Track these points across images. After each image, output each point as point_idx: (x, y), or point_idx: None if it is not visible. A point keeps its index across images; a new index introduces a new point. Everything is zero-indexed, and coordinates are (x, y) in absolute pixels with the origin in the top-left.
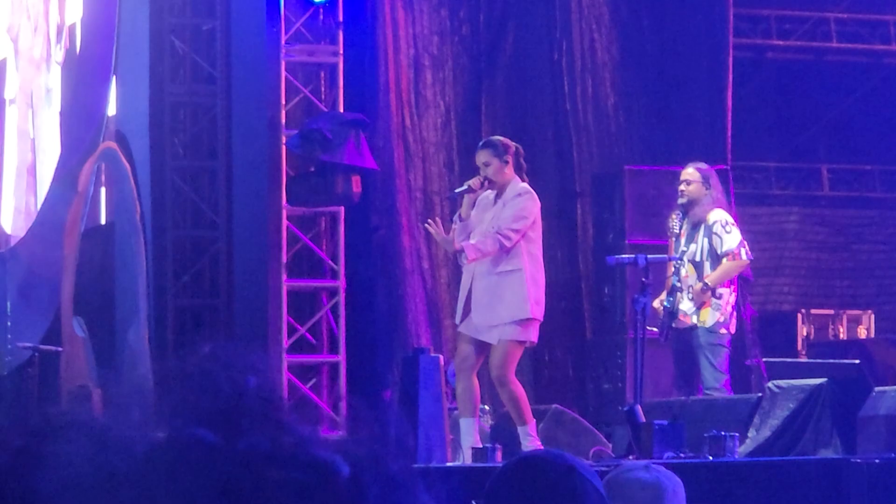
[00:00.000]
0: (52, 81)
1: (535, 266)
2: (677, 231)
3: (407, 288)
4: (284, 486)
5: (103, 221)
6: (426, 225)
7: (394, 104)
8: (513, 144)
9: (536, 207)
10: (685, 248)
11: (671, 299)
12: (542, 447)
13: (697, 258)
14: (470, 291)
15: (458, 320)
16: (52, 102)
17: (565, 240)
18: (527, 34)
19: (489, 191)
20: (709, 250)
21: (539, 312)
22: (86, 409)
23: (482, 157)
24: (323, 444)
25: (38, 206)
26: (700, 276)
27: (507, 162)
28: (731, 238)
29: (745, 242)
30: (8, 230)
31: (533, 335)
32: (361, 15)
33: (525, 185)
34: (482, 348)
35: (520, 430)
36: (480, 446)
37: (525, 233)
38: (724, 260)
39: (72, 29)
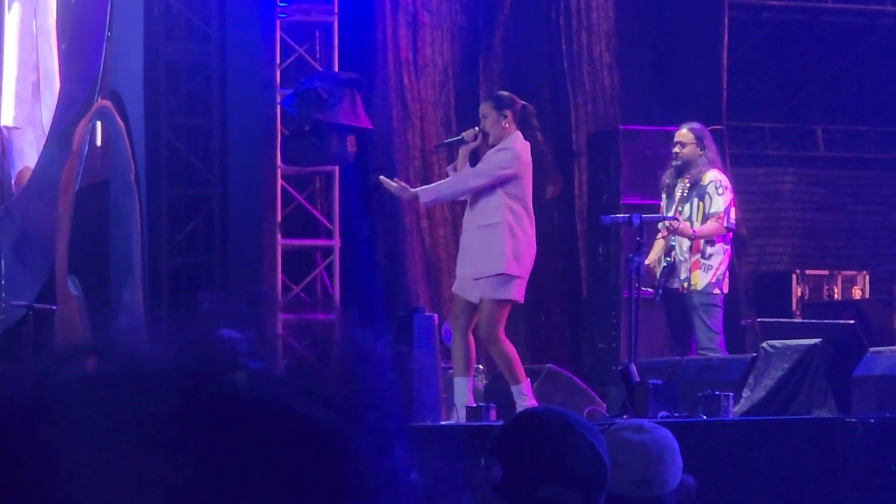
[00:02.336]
0: None
1: (518, 222)
2: (673, 189)
3: (406, 247)
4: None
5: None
6: (379, 179)
7: (392, 63)
8: (519, 102)
9: (519, 163)
10: (681, 209)
11: (668, 259)
12: (534, 402)
13: (690, 217)
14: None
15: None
16: None
17: (562, 200)
18: None
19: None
20: (700, 210)
21: (520, 270)
22: (79, 367)
23: (482, 109)
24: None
25: (43, 112)
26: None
27: (505, 116)
28: (721, 200)
29: (733, 210)
30: (9, 122)
31: (515, 293)
32: None
33: (515, 140)
34: (472, 307)
35: (513, 389)
36: (474, 405)
37: (501, 182)
38: (711, 220)
39: None
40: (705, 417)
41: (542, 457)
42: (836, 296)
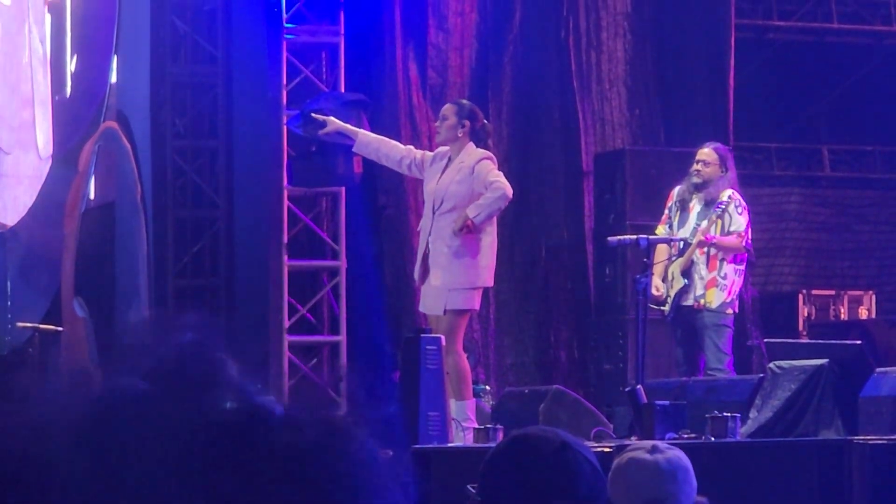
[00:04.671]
0: None
1: (494, 232)
2: (687, 203)
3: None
4: (219, 429)
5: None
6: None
7: (401, 83)
8: (481, 119)
9: None
10: (697, 225)
11: (686, 279)
12: (476, 424)
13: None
14: (426, 258)
15: (416, 276)
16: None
17: (572, 219)
18: (534, 11)
19: (444, 147)
20: (718, 227)
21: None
22: (84, 390)
23: (445, 110)
24: (258, 390)
25: (38, 137)
26: (708, 255)
27: (463, 126)
28: (742, 219)
29: (750, 230)
30: None
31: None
32: None
33: (479, 151)
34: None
35: (458, 404)
36: (481, 426)
37: None
38: (732, 236)
39: None
40: (712, 439)
41: (549, 474)
42: (842, 316)
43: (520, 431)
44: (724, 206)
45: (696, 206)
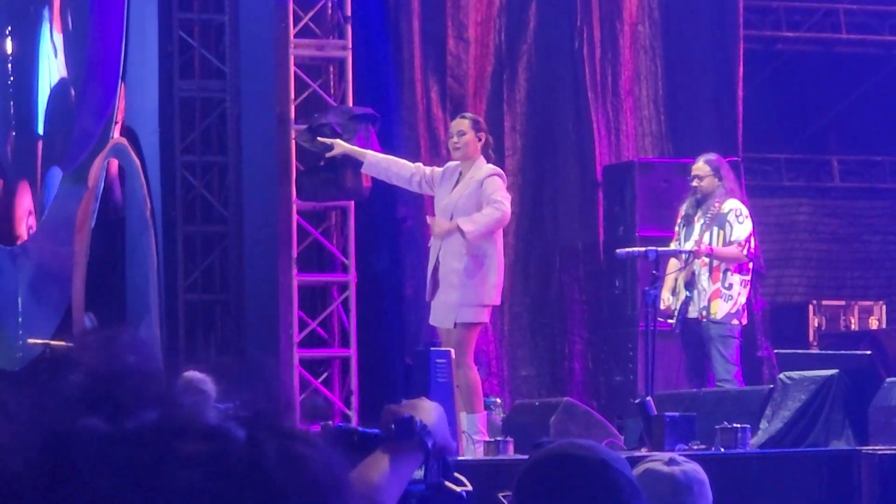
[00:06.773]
0: None
1: (499, 249)
2: (692, 218)
3: None
4: (181, 460)
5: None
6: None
7: (420, 94)
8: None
9: None
10: (699, 237)
11: (691, 291)
12: (486, 437)
13: (711, 246)
14: (436, 273)
15: (428, 297)
16: None
17: (585, 231)
18: (548, 22)
19: (454, 162)
20: (720, 238)
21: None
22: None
23: (460, 125)
24: (212, 412)
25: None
26: (711, 266)
27: (480, 140)
28: (742, 228)
29: (753, 238)
30: None
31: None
32: (373, 8)
33: (490, 166)
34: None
35: (469, 417)
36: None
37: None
38: (732, 246)
39: None
40: (723, 450)
41: (591, 498)
42: (852, 326)
43: (557, 446)
44: (715, 214)
45: (700, 219)
